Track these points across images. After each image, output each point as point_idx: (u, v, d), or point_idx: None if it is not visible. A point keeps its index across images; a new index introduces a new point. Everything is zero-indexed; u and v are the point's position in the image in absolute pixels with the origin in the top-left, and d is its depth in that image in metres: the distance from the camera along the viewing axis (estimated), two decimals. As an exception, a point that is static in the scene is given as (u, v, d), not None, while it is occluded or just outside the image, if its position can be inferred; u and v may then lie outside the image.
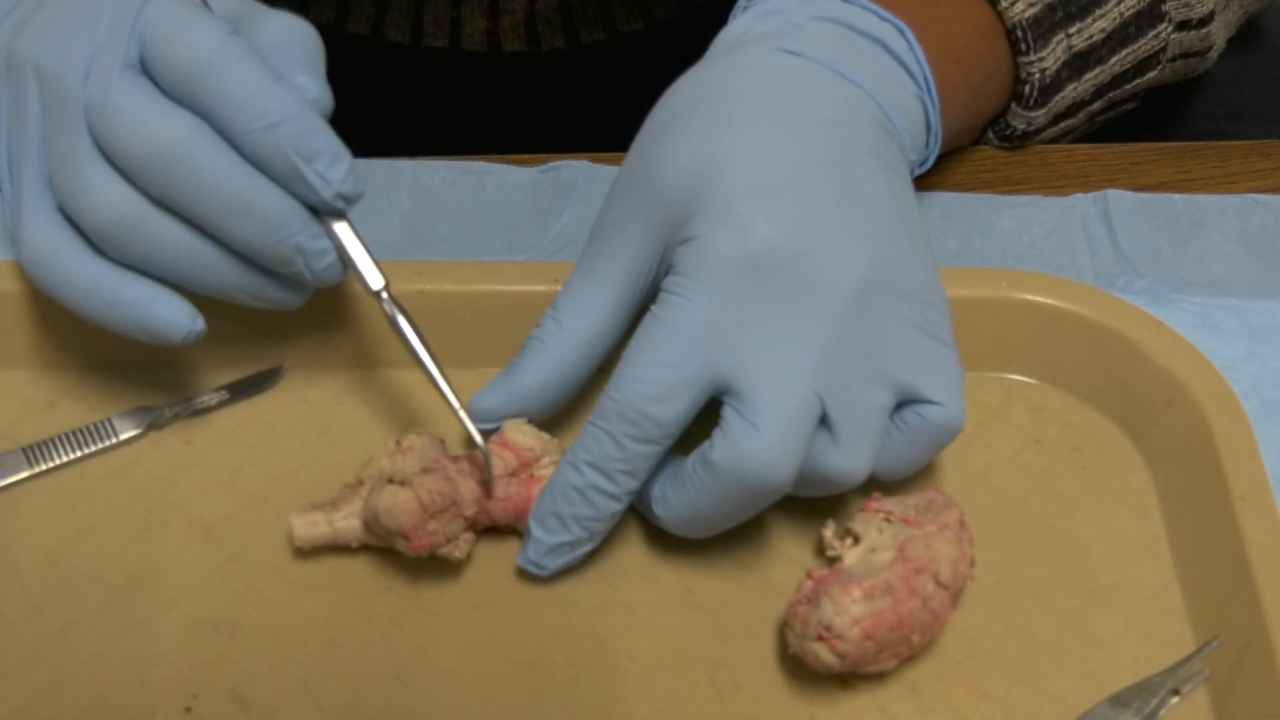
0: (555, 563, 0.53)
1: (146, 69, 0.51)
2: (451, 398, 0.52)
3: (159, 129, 0.50)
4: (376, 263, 0.53)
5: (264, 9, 0.54)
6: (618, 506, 0.51)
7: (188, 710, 0.50)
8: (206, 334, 0.53)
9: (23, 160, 0.53)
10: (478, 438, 0.52)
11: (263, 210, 0.50)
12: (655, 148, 0.53)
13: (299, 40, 0.53)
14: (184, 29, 0.50)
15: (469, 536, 0.52)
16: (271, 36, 0.52)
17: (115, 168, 0.51)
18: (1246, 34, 0.80)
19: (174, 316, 0.52)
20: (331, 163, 0.51)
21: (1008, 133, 0.67)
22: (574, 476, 0.51)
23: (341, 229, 0.52)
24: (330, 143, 0.51)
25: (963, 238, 0.65)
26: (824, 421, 0.50)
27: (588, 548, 0.53)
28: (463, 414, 0.52)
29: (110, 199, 0.51)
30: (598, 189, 0.66)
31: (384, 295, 0.53)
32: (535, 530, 0.52)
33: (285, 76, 0.51)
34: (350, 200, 0.52)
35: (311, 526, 0.53)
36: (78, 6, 0.52)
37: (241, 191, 0.50)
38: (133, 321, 0.52)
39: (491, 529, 0.54)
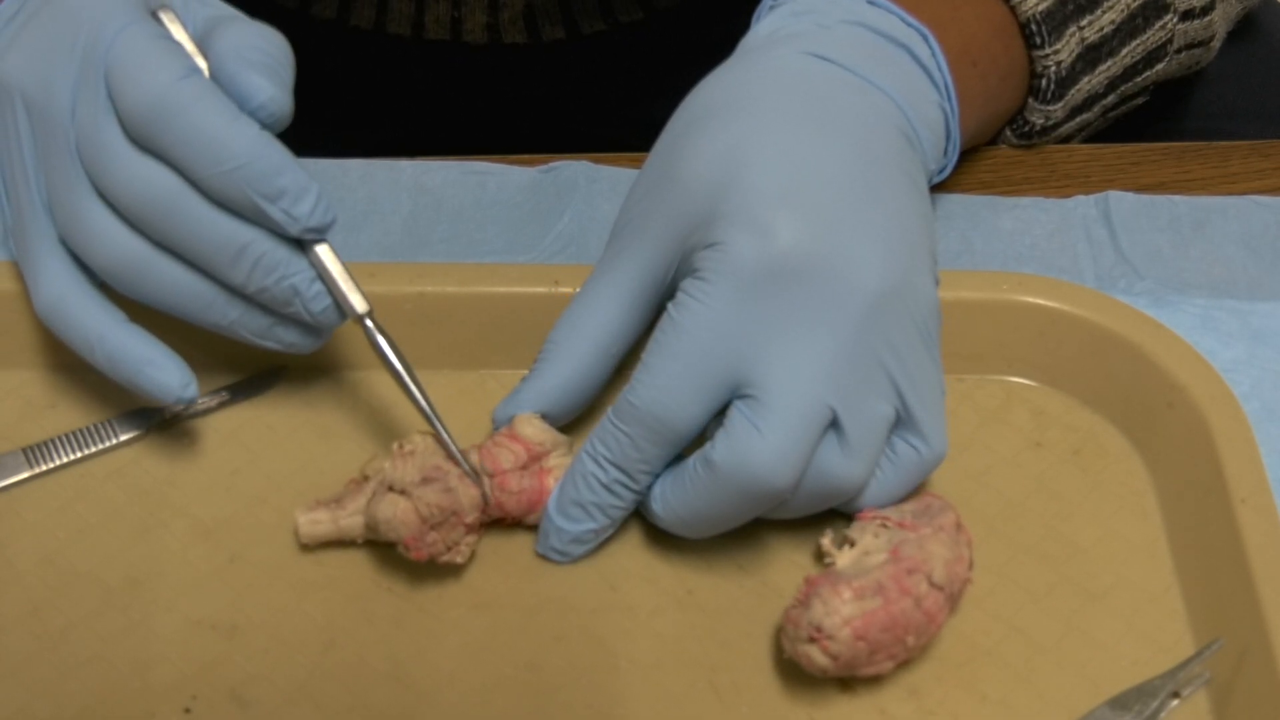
0: (578, 550, 0.53)
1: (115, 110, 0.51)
2: (438, 424, 0.52)
3: (147, 177, 0.50)
4: (359, 287, 0.52)
5: (235, 16, 0.54)
6: (637, 496, 0.52)
7: (187, 711, 0.50)
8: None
9: (18, 189, 0.53)
10: (460, 459, 0.52)
11: (256, 253, 0.51)
12: (679, 148, 0.53)
13: (258, 44, 0.52)
14: (141, 68, 0.50)
15: (471, 539, 0.52)
16: (230, 41, 0.51)
17: (115, 210, 0.51)
18: (1243, 31, 0.80)
19: (166, 381, 0.53)
20: (296, 199, 0.50)
21: (1025, 129, 0.67)
22: (595, 469, 0.52)
23: (324, 254, 0.52)
24: (294, 178, 0.50)
25: (964, 239, 0.65)
26: (833, 428, 0.50)
27: (608, 533, 0.53)
28: (447, 437, 0.52)
29: (113, 244, 0.51)
30: (599, 189, 0.66)
31: (368, 322, 0.53)
32: (559, 520, 0.53)
33: (238, 81, 0.50)
34: (321, 231, 0.51)
35: (316, 525, 0.53)
36: (56, 30, 0.52)
37: (234, 235, 0.50)
38: (128, 381, 0.53)
39: (499, 521, 0.54)
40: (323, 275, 0.52)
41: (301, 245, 0.52)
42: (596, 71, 0.81)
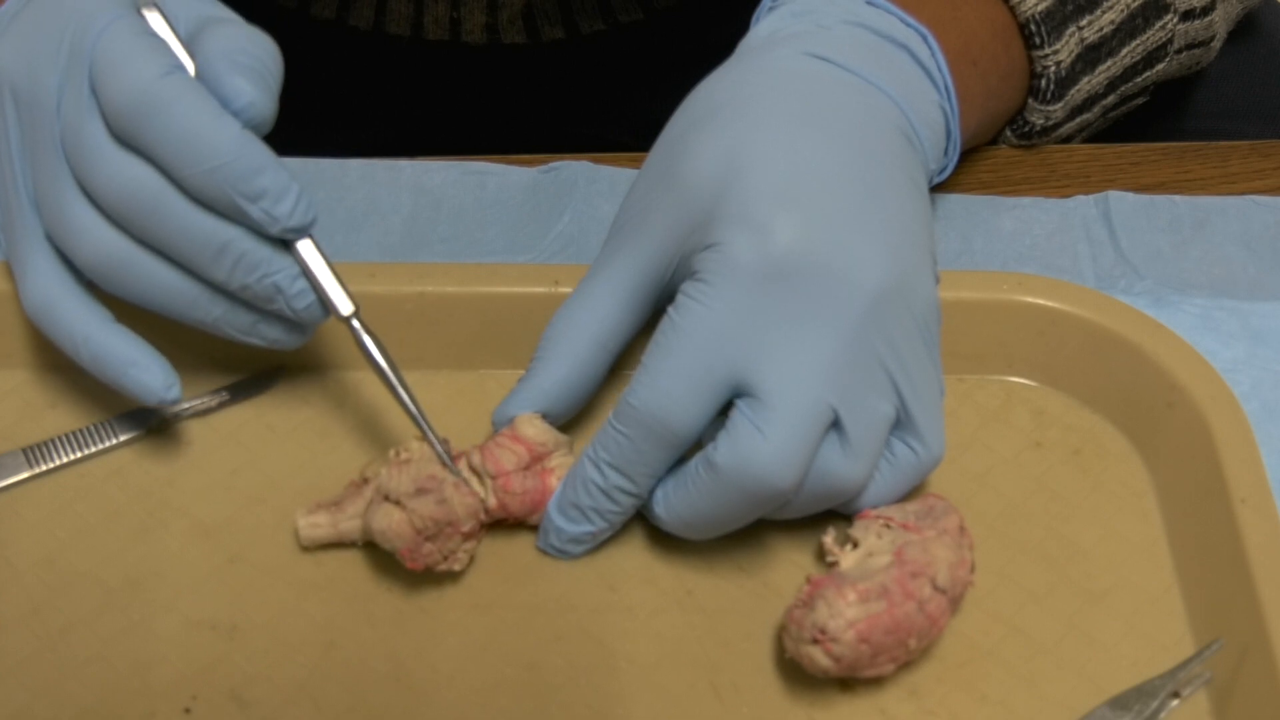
0: (577, 550, 0.53)
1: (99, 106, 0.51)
2: (425, 425, 0.52)
3: (128, 174, 0.50)
4: (345, 287, 0.52)
5: (227, 19, 0.53)
6: (638, 501, 0.52)
7: (187, 711, 0.50)
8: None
9: (6, 184, 0.53)
10: (448, 460, 0.52)
11: (237, 251, 0.51)
12: (679, 148, 0.53)
13: (246, 47, 0.51)
14: (124, 64, 0.49)
15: (469, 546, 0.52)
16: (218, 43, 0.51)
17: (98, 207, 0.51)
18: (1243, 31, 0.80)
19: (149, 382, 0.53)
20: (277, 199, 0.50)
21: (1026, 129, 0.67)
22: (595, 474, 0.51)
23: (308, 252, 0.52)
24: (274, 178, 0.50)
25: (964, 239, 0.65)
26: (834, 428, 0.50)
27: (606, 535, 0.53)
28: (434, 439, 0.52)
29: (96, 241, 0.51)
30: (598, 189, 0.66)
31: (354, 322, 0.53)
32: (558, 520, 0.53)
33: (223, 82, 0.50)
34: (301, 231, 0.51)
35: (315, 528, 0.53)
36: (45, 23, 0.52)
37: (215, 234, 0.50)
38: (112, 381, 0.53)
39: (501, 521, 0.54)
40: (307, 275, 0.52)
41: (285, 243, 0.52)
42: (596, 71, 0.81)
